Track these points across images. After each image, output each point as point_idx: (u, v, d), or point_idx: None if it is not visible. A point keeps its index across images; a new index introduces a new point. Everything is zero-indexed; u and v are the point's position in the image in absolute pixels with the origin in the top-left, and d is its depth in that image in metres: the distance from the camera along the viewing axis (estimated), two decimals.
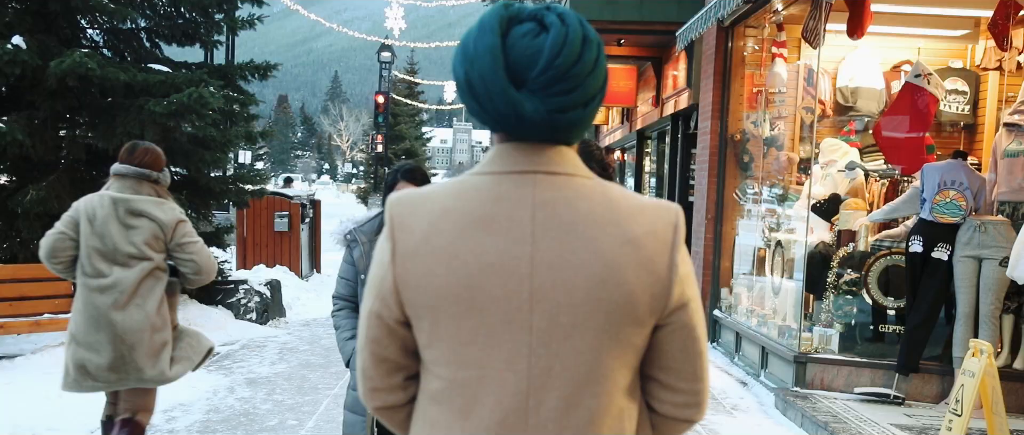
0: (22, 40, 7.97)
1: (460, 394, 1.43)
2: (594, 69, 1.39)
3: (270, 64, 9.75)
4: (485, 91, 1.38)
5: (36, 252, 8.27)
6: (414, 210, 1.45)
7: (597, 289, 1.37)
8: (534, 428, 1.39)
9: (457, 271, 1.39)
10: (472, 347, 1.41)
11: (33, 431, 5.49)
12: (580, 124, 1.42)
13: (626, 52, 12.68)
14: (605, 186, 1.44)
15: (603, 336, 1.39)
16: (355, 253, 3.32)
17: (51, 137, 8.56)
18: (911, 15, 7.46)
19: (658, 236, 1.41)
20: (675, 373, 1.48)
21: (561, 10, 1.42)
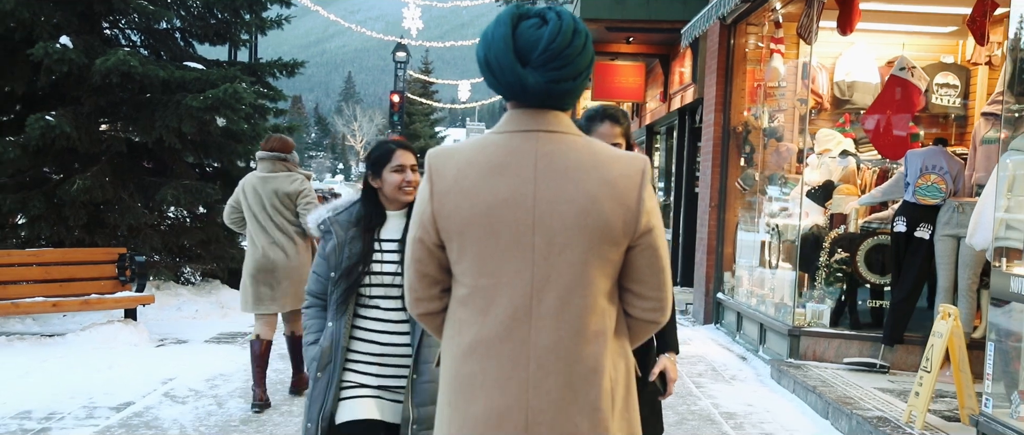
0: (69, 40, 8.55)
1: (482, 297, 1.96)
2: (582, 52, 1.93)
3: (297, 62, 10.32)
4: (499, 68, 1.93)
5: (82, 237, 8.91)
6: (446, 161, 1.99)
7: (582, 217, 1.90)
8: (536, 320, 1.92)
9: (478, 205, 1.93)
10: (490, 261, 1.94)
11: (90, 396, 6.01)
12: (571, 93, 1.96)
13: (635, 49, 13.17)
14: (590, 141, 1.99)
15: (587, 253, 1.91)
16: (329, 245, 3.09)
17: (94, 130, 9.14)
18: (901, 13, 7.92)
19: (630, 178, 1.93)
20: (644, 284, 2.00)
21: (559, 9, 1.97)
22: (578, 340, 1.92)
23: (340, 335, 3.00)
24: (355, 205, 3.13)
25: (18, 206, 8.71)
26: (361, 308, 3.04)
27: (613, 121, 2.97)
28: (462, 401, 1.97)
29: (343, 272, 2.99)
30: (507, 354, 1.92)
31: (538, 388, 1.91)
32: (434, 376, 2.72)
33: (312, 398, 3.03)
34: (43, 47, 8.11)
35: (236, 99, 8.63)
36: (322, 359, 3.00)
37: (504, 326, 1.93)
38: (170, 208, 9.64)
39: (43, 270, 7.93)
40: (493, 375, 1.93)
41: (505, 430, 1.91)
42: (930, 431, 4.83)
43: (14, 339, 7.78)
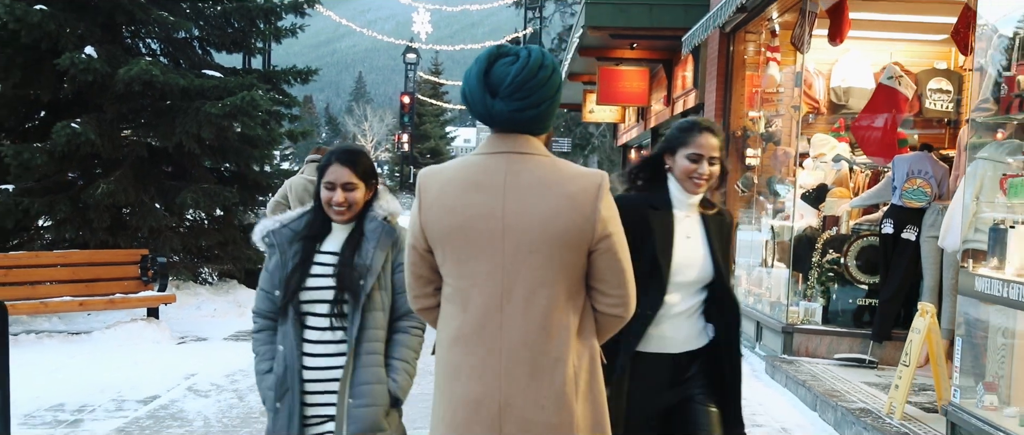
0: (93, 50, 8.91)
1: (461, 295, 2.30)
2: (546, 84, 2.26)
3: (310, 69, 10.69)
4: (471, 99, 2.31)
5: (106, 239, 9.27)
6: (433, 179, 2.36)
7: (544, 226, 2.24)
8: (506, 316, 2.26)
9: (457, 217, 2.28)
10: (466, 264, 2.29)
11: (117, 390, 6.36)
12: (536, 120, 2.29)
13: (638, 55, 13.46)
14: (555, 161, 2.33)
15: (550, 257, 2.25)
16: (272, 260, 2.90)
17: (116, 136, 9.51)
18: (891, 22, 8.20)
19: (587, 192, 2.26)
20: (605, 283, 2.32)
21: (532, 48, 2.32)
22: (543, 333, 2.24)
23: (293, 358, 2.79)
24: (304, 216, 2.94)
25: (45, 209, 9.07)
26: (306, 329, 2.84)
27: (712, 133, 2.94)
28: (447, 386, 2.31)
29: (280, 284, 2.82)
30: (482, 346, 2.26)
31: (509, 376, 2.24)
32: (376, 399, 2.76)
33: (274, 432, 2.83)
34: (69, 57, 8.47)
35: (253, 106, 8.99)
36: (279, 388, 2.80)
37: (479, 321, 2.26)
38: (189, 211, 10.01)
39: (70, 271, 8.29)
40: (471, 364, 2.26)
41: (482, 413, 2.24)
42: (908, 421, 5.13)
43: (43, 337, 8.15)
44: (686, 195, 2.95)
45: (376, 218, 2.89)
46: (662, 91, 14.10)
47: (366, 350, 2.80)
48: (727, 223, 3.09)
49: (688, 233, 2.95)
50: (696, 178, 2.90)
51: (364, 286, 2.80)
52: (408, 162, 42.45)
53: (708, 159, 2.89)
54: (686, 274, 2.92)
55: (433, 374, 2.39)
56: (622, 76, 14.19)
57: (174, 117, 9.33)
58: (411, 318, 2.86)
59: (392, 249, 2.88)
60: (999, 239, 4.06)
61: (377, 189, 2.94)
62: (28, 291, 7.98)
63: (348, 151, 2.92)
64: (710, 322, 2.98)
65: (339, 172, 2.82)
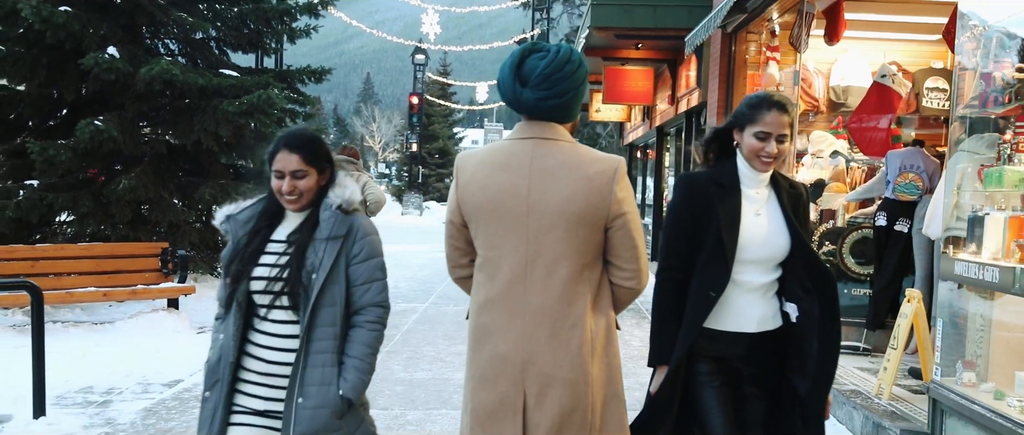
0: (115, 50, 9.22)
1: (491, 265, 2.62)
2: (571, 76, 2.56)
3: (324, 69, 10.99)
4: (504, 88, 2.62)
5: (126, 233, 9.58)
6: (468, 160, 2.68)
7: (564, 206, 2.54)
8: (529, 284, 2.56)
9: (488, 194, 2.59)
10: (495, 237, 2.60)
11: (143, 375, 6.67)
12: (559, 108, 2.58)
13: (643, 55, 13.74)
14: (577, 146, 2.62)
15: (569, 233, 2.55)
16: (228, 247, 2.81)
17: (137, 134, 9.82)
18: (887, 22, 8.46)
19: (603, 174, 2.55)
20: (620, 257, 2.62)
21: (562, 45, 2.61)
22: (562, 301, 2.54)
23: (230, 349, 2.68)
24: (259, 203, 2.83)
25: (68, 204, 9.39)
26: (255, 319, 2.73)
27: (780, 110, 2.81)
28: (478, 344, 2.63)
29: (229, 272, 2.72)
30: (508, 310, 2.56)
31: (532, 336, 2.54)
32: (325, 401, 2.64)
33: (200, 422, 2.73)
34: (93, 57, 8.78)
35: (269, 104, 9.29)
36: (209, 376, 2.71)
37: (506, 288, 2.57)
38: (207, 206, 10.32)
39: (94, 263, 8.60)
40: (498, 325, 2.57)
41: (507, 368, 2.55)
42: (896, 401, 5.40)
43: (68, 326, 8.47)
44: (753, 172, 2.86)
45: (330, 207, 2.74)
46: (667, 90, 14.37)
47: (317, 348, 2.66)
48: (803, 197, 2.99)
49: (758, 210, 2.87)
50: (763, 157, 2.81)
51: (315, 281, 2.66)
52: (416, 162, 42.75)
53: (776, 137, 2.79)
54: (757, 251, 2.83)
55: (443, 361, 2.68)
56: (627, 76, 14.46)
57: (192, 115, 9.64)
58: (368, 312, 2.74)
59: (346, 240, 2.72)
60: (976, 226, 4.33)
61: (333, 174, 2.80)
62: (54, 282, 8.28)
63: (297, 136, 2.74)
64: (795, 301, 2.87)
65: (287, 159, 2.67)
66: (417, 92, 36.94)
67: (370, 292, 2.74)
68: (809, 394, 2.84)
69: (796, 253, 2.84)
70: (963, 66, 4.80)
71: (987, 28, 4.58)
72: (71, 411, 5.68)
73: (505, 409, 2.54)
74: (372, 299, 2.74)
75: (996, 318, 4.43)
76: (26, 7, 8.61)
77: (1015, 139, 4.18)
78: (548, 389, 2.52)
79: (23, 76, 9.40)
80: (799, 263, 2.85)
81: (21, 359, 6.70)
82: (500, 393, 2.55)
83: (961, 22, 4.83)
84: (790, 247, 2.84)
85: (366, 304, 2.74)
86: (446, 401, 6.05)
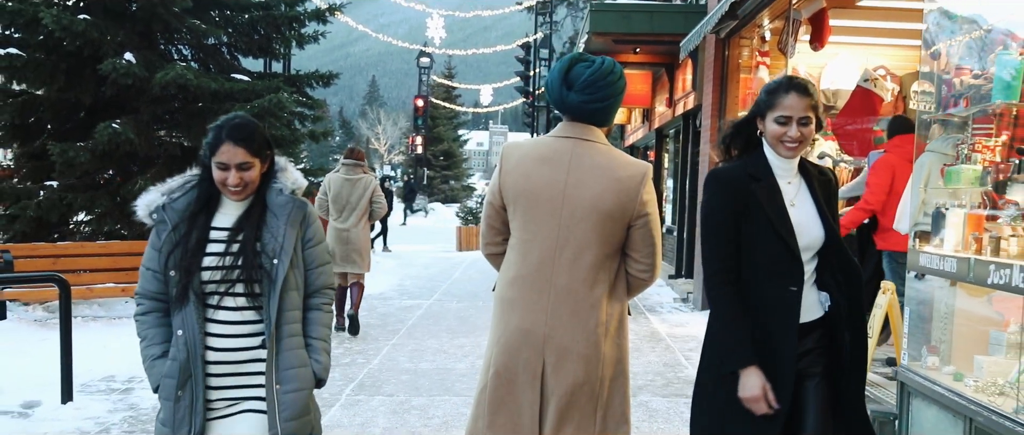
0: (132, 56, 9.59)
1: (523, 245, 2.97)
2: (612, 84, 2.92)
3: (332, 73, 11.36)
4: (552, 90, 2.97)
5: (141, 232, 9.93)
6: (514, 151, 3.02)
7: (595, 201, 2.89)
8: (557, 267, 2.91)
9: (530, 183, 2.95)
10: (531, 222, 2.95)
11: None
12: (600, 112, 2.92)
13: (642, 59, 14.09)
14: (611, 150, 2.97)
15: (596, 225, 2.89)
16: (162, 236, 2.66)
17: (152, 136, 10.19)
18: (874, 29, 8.80)
19: (633, 178, 2.90)
20: (638, 251, 2.97)
21: (606, 59, 2.96)
22: (584, 284, 2.89)
23: (196, 344, 2.60)
24: (191, 189, 2.72)
25: (87, 204, 9.75)
26: (208, 309, 2.66)
27: (799, 92, 2.77)
28: (504, 316, 2.98)
29: (176, 265, 2.62)
30: (536, 288, 2.92)
31: (554, 313, 2.89)
32: (304, 383, 2.69)
33: (175, 423, 2.63)
34: (111, 63, 9.14)
35: (279, 108, 9.66)
36: (181, 375, 2.61)
37: (536, 268, 2.92)
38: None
39: (111, 260, 8.98)
40: (525, 300, 2.93)
41: (530, 339, 2.91)
42: (871, 386, 5.74)
43: (87, 320, 8.84)
44: (783, 160, 2.82)
45: (284, 192, 2.74)
46: (665, 93, 14.71)
47: (287, 333, 2.69)
48: (833, 184, 2.97)
49: (792, 200, 2.83)
50: (787, 142, 2.76)
51: (279, 266, 2.66)
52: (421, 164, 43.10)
53: (798, 120, 2.73)
54: (801, 242, 2.79)
55: (446, 353, 3.01)
56: (627, 79, 14.78)
57: (205, 118, 9.98)
58: (322, 295, 2.82)
59: (301, 225, 2.74)
60: (939, 220, 4.67)
61: (274, 161, 2.77)
62: (73, 278, 8.64)
63: (240, 127, 2.67)
64: (827, 291, 2.84)
65: (233, 152, 2.61)
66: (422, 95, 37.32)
67: (323, 275, 2.82)
68: (846, 385, 2.82)
69: (829, 243, 2.81)
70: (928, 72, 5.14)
71: (951, 41, 4.93)
72: (96, 397, 6.04)
73: (526, 374, 2.89)
74: (325, 281, 2.83)
75: (958, 307, 4.76)
76: (47, 15, 8.98)
77: (971, 140, 4.52)
78: (564, 361, 2.86)
79: (43, 81, 9.77)
80: (831, 252, 2.81)
81: (45, 351, 7.08)
82: (524, 360, 2.90)
83: (925, 35, 5.18)
84: (825, 237, 2.81)
85: (320, 286, 2.81)
86: (449, 389, 6.40)
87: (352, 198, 8.40)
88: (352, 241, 8.40)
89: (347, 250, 8.37)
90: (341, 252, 8.35)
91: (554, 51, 34.35)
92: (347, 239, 8.39)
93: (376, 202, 8.49)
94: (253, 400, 2.70)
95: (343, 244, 8.36)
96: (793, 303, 2.75)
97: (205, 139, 2.68)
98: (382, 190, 9.09)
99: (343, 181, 8.44)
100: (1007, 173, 4.16)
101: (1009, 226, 4.04)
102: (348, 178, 8.46)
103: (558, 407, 2.85)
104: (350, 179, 8.45)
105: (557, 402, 2.85)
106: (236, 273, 2.63)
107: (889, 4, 8.01)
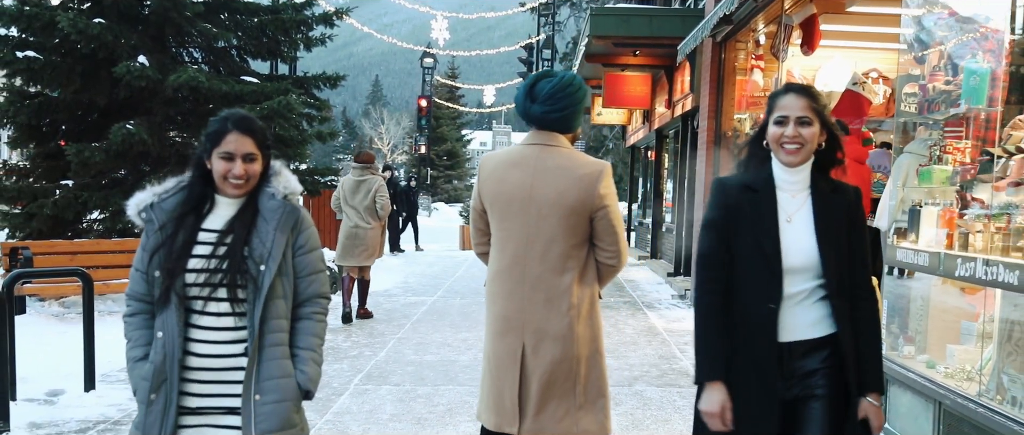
0: (145, 59, 9.90)
1: (500, 243, 3.32)
2: (572, 95, 3.26)
3: (338, 75, 11.66)
4: (519, 103, 3.31)
5: None
6: (488, 160, 3.39)
7: (558, 198, 3.22)
8: (529, 259, 3.24)
9: (502, 187, 3.29)
10: (505, 221, 3.30)
11: None
12: (560, 120, 3.27)
13: (641, 61, 14.38)
14: (573, 152, 3.31)
15: (561, 220, 3.23)
16: (150, 237, 2.59)
17: (164, 137, 10.49)
18: (865, 33, 9.08)
19: (591, 175, 3.23)
20: (603, 240, 3.30)
21: (567, 73, 3.32)
22: (555, 273, 3.25)
23: (174, 347, 2.52)
24: (181, 190, 2.66)
25: (101, 202, 10.06)
26: (191, 313, 2.57)
27: (797, 93, 2.69)
28: (490, 307, 3.37)
29: (161, 266, 2.54)
30: (513, 279, 3.28)
31: (530, 300, 3.25)
32: (286, 394, 2.57)
33: (146, 426, 2.55)
34: (125, 66, 9.45)
35: (288, 109, 9.97)
36: (155, 378, 2.53)
37: (511, 262, 3.29)
38: None
39: (126, 257, 9.27)
40: (505, 291, 3.30)
41: (512, 325, 3.27)
42: None
43: (103, 315, 9.13)
44: (788, 172, 2.69)
45: (275, 196, 2.65)
46: (664, 95, 14.99)
47: (270, 342, 2.58)
48: (850, 201, 2.73)
49: (789, 216, 2.67)
50: (785, 143, 2.64)
51: (265, 272, 2.57)
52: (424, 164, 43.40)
53: (795, 120, 2.61)
54: (790, 260, 2.65)
55: (449, 346, 3.31)
56: (626, 81, 15.09)
57: None
58: (314, 304, 2.71)
59: (292, 232, 2.65)
60: (914, 218, 4.96)
61: (271, 163, 2.70)
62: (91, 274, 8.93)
63: (247, 119, 2.63)
64: (833, 311, 2.65)
65: (240, 142, 2.57)
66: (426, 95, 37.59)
67: (315, 283, 2.70)
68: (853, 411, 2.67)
69: (829, 265, 2.62)
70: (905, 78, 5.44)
71: (925, 50, 5.22)
72: (116, 386, 6.34)
73: (511, 357, 3.27)
74: (317, 290, 2.71)
75: (933, 299, 5.06)
76: (63, 19, 9.28)
77: (943, 142, 4.81)
78: (542, 342, 3.23)
79: (59, 83, 10.08)
80: (833, 275, 2.63)
81: (64, 343, 7.40)
82: (507, 344, 3.28)
83: (902, 41, 5.47)
84: (819, 258, 2.62)
85: (311, 295, 2.69)
86: (452, 379, 6.70)
87: (358, 197, 9.15)
88: (360, 237, 9.11)
89: (353, 244, 9.13)
90: (348, 247, 9.13)
91: (557, 52, 34.66)
92: (355, 235, 9.12)
93: (378, 201, 9.13)
94: (228, 410, 2.59)
95: (351, 239, 9.13)
96: (769, 321, 2.64)
97: (204, 132, 2.62)
98: (404, 189, 9.58)
99: (353, 182, 9.22)
100: (974, 173, 4.45)
101: (981, 223, 4.33)
102: (357, 179, 9.26)
103: (540, 385, 3.22)
104: (359, 180, 9.22)
105: (538, 380, 3.22)
106: (220, 277, 2.54)
107: (878, 9, 8.29)
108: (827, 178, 2.73)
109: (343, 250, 9.20)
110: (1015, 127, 4.31)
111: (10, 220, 10.17)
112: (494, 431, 3.32)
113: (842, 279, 2.64)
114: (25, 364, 6.23)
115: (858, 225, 2.71)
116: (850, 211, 2.70)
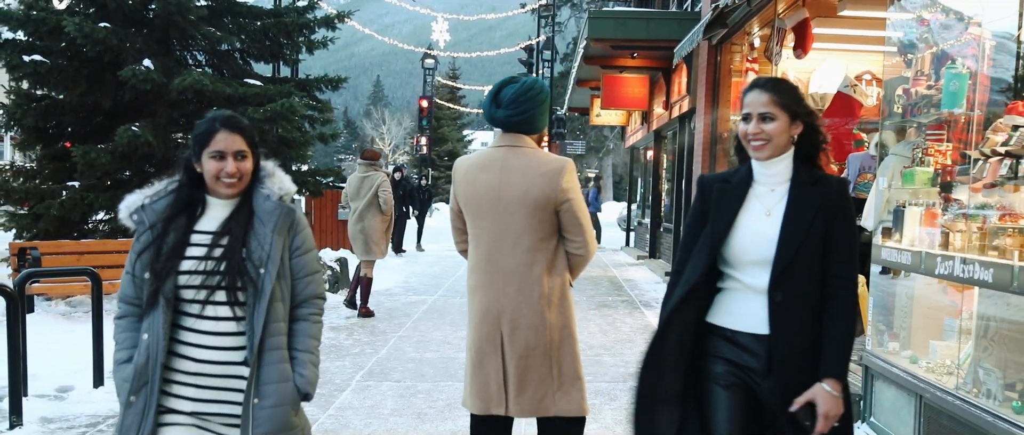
0: (150, 62, 10.05)
1: (475, 240, 3.54)
2: (533, 99, 3.46)
3: (340, 77, 11.82)
4: (486, 108, 3.50)
5: None
6: (461, 163, 3.59)
7: (523, 195, 3.42)
8: (501, 253, 3.44)
9: (473, 188, 3.50)
10: (478, 219, 3.50)
11: None
12: (523, 123, 3.46)
13: (639, 63, 14.54)
14: (537, 151, 3.51)
15: (528, 215, 3.42)
16: (141, 239, 2.56)
17: (169, 139, 10.65)
18: (857, 37, 9.24)
19: (555, 171, 3.43)
20: (570, 232, 3.50)
21: (529, 78, 3.50)
22: (525, 265, 3.45)
23: (158, 350, 2.48)
24: (171, 192, 2.64)
25: (107, 203, 10.21)
26: (180, 315, 2.53)
27: (760, 88, 2.68)
28: (470, 299, 3.58)
29: (149, 267, 2.51)
30: (487, 272, 3.50)
31: (504, 292, 3.46)
32: (285, 398, 2.54)
33: (123, 428, 2.51)
34: (131, 69, 9.61)
35: (291, 111, 10.13)
36: (136, 380, 2.49)
37: (486, 257, 3.51)
38: None
39: None
40: (481, 284, 3.52)
41: (490, 315, 3.49)
42: None
43: (110, 313, 9.29)
44: (763, 165, 2.68)
45: (271, 198, 2.62)
46: (662, 96, 15.16)
47: (270, 346, 2.54)
48: (832, 197, 2.64)
49: (769, 209, 2.66)
50: (749, 138, 2.66)
51: (265, 275, 2.53)
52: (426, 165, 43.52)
53: (758, 116, 2.63)
54: (750, 252, 2.65)
55: (449, 344, 3.48)
56: (624, 83, 15.26)
57: None
58: (311, 305, 2.69)
59: (288, 233, 2.63)
60: (899, 217, 5.12)
61: (262, 163, 2.68)
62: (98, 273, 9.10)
63: (234, 117, 2.62)
64: (797, 307, 2.59)
65: (230, 140, 2.55)
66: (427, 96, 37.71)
67: (311, 285, 2.68)
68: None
69: (789, 262, 2.58)
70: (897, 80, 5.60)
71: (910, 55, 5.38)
72: None
73: (490, 345, 3.50)
74: (314, 291, 2.69)
75: (917, 297, 5.22)
76: (70, 23, 9.43)
77: (925, 144, 4.96)
78: (516, 331, 3.46)
79: (65, 86, 10.22)
80: (790, 273, 2.58)
81: (72, 341, 7.57)
82: (486, 333, 3.51)
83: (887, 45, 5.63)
84: (777, 254, 2.59)
85: (308, 296, 2.67)
86: (452, 375, 6.86)
87: (362, 192, 9.71)
88: (366, 230, 9.69)
89: (354, 236, 9.78)
90: (352, 238, 9.84)
91: (557, 53, 34.79)
92: (361, 229, 9.72)
93: (380, 195, 9.65)
94: (224, 417, 2.57)
95: (354, 232, 9.77)
96: (682, 291, 2.72)
97: (192, 134, 2.60)
98: (416, 188, 9.87)
99: (358, 179, 9.84)
100: (953, 175, 4.61)
101: (962, 222, 4.49)
102: (362, 175, 9.85)
103: (517, 370, 3.45)
104: (363, 176, 9.80)
105: (516, 366, 3.45)
106: (218, 280, 2.50)
107: (869, 13, 8.44)
108: (810, 169, 2.69)
109: (357, 246, 9.80)
110: (995, 131, 4.47)
111: (17, 221, 10.33)
112: (481, 415, 3.54)
113: (810, 276, 2.58)
114: (35, 361, 6.39)
115: (841, 216, 2.64)
116: (830, 202, 2.63)
